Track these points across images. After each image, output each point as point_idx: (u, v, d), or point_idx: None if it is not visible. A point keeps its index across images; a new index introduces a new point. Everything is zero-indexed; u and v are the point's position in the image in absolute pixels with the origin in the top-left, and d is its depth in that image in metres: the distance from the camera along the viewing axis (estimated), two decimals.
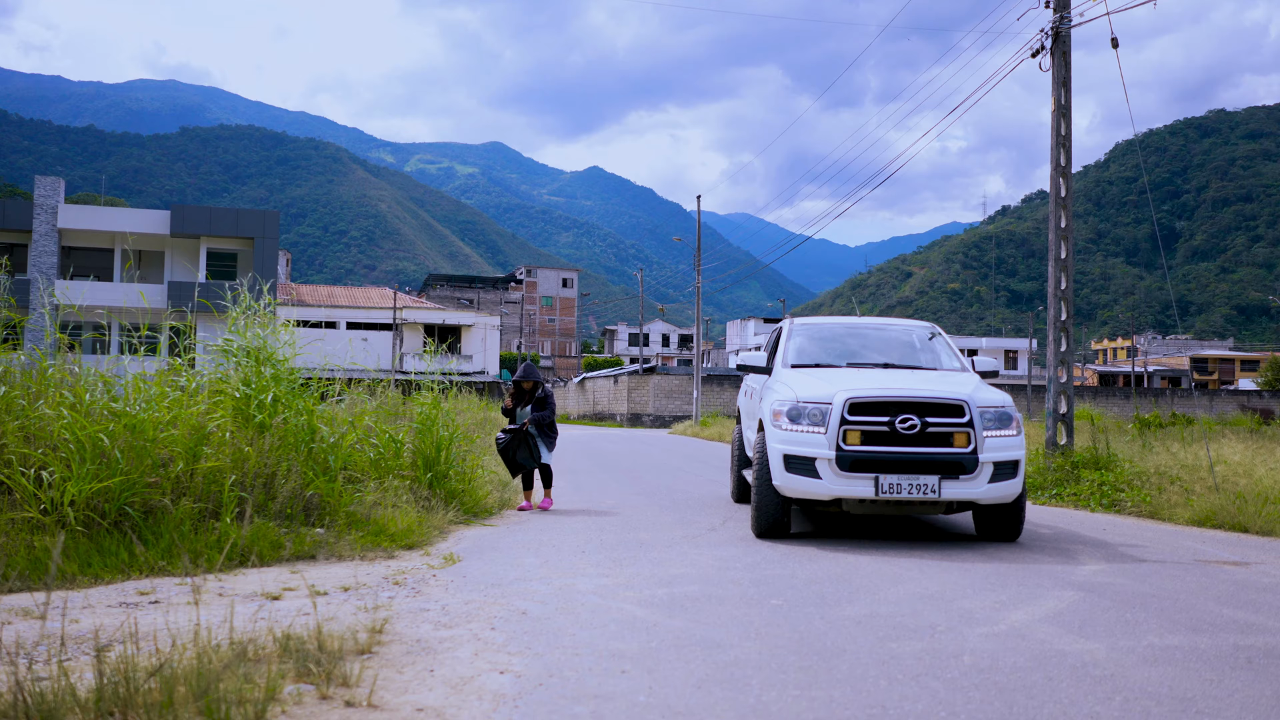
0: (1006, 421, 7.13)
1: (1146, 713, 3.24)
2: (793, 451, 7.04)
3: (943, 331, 9.39)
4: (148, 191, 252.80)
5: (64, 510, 6.06)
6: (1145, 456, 11.95)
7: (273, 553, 6.42)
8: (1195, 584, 5.80)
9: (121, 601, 5.15)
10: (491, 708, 3.27)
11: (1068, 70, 12.75)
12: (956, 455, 6.81)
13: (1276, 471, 10.08)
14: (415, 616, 4.66)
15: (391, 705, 3.27)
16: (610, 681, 3.59)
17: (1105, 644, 4.20)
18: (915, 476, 6.75)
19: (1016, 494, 7.10)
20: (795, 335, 9.21)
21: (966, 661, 3.87)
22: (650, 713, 3.23)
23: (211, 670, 3.16)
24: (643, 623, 4.56)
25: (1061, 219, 12.73)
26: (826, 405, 7.02)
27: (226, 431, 7.31)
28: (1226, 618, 4.82)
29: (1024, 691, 3.47)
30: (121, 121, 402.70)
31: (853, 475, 6.83)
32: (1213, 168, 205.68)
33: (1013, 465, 7.00)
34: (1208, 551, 7.37)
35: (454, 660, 3.86)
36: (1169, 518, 9.69)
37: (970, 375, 8.21)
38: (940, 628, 4.47)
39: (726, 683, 3.57)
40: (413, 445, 9.30)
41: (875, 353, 8.81)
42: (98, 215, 48.00)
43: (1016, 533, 7.50)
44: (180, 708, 2.97)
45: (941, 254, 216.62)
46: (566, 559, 6.57)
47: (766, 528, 7.48)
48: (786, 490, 7.15)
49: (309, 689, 3.38)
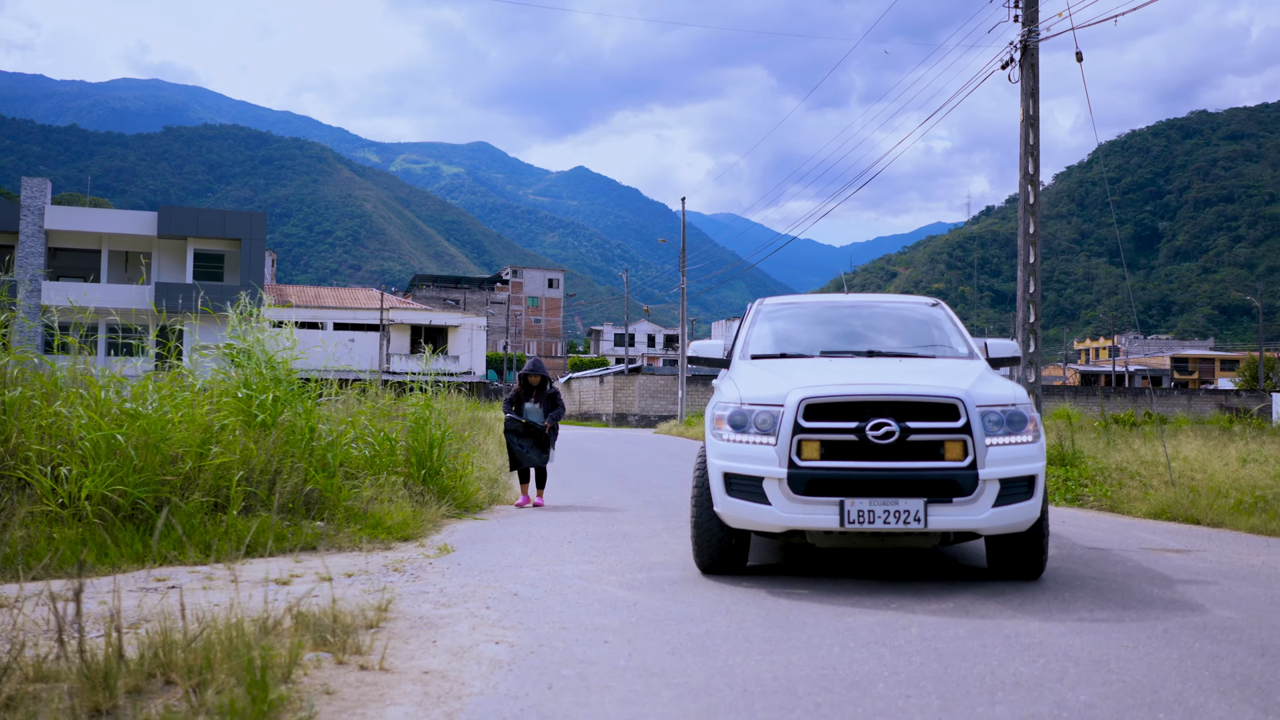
0: (1019, 424, 5.40)
1: (1064, 671, 3.71)
2: (735, 469, 5.43)
3: (945, 306, 7.56)
4: (131, 191, 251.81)
5: (81, 504, 6.45)
6: (1108, 454, 12.47)
7: (277, 544, 6.82)
8: (1134, 568, 6.28)
9: (141, 587, 5.55)
10: (489, 670, 3.70)
11: (1036, 82, 13.25)
12: (948, 471, 5.15)
13: (1230, 467, 10.59)
14: (416, 598, 5.09)
15: (400, 669, 3.70)
16: (594, 650, 4.03)
17: (1040, 619, 4.67)
18: (893, 501, 5.11)
19: (1033, 519, 5.33)
20: (760, 319, 7.43)
21: (914, 632, 4.33)
22: (629, 674, 3.67)
23: (242, 638, 3.58)
24: (624, 602, 5.01)
25: (1030, 225, 13.23)
26: (778, 408, 5.39)
27: (234, 430, 7.71)
28: (1155, 596, 5.30)
29: (959, 656, 3.93)
30: (105, 121, 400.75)
31: (810, 500, 5.20)
32: (1195, 168, 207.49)
33: (1027, 482, 5.31)
34: (1155, 540, 7.86)
35: (453, 633, 4.30)
36: (1128, 511, 10.19)
37: (976, 363, 6.39)
38: (893, 605, 4.92)
39: (698, 650, 4.02)
40: (406, 443, 9.71)
41: (859, 338, 7.06)
42: (85, 216, 48.16)
43: (1038, 570, 5.69)
44: (217, 669, 3.39)
45: (926, 254, 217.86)
46: (554, 548, 7.01)
47: (710, 562, 5.87)
48: (730, 519, 5.52)
49: (326, 656, 3.81)
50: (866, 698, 3.39)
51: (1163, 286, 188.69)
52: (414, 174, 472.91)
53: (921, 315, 7.41)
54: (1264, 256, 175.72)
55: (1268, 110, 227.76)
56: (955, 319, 7.28)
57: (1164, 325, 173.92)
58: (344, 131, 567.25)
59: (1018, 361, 7.09)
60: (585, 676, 3.64)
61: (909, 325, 7.28)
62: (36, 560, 5.99)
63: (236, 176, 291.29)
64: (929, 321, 7.29)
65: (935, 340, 7.01)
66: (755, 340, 7.07)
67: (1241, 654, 4.01)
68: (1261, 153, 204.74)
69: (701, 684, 3.55)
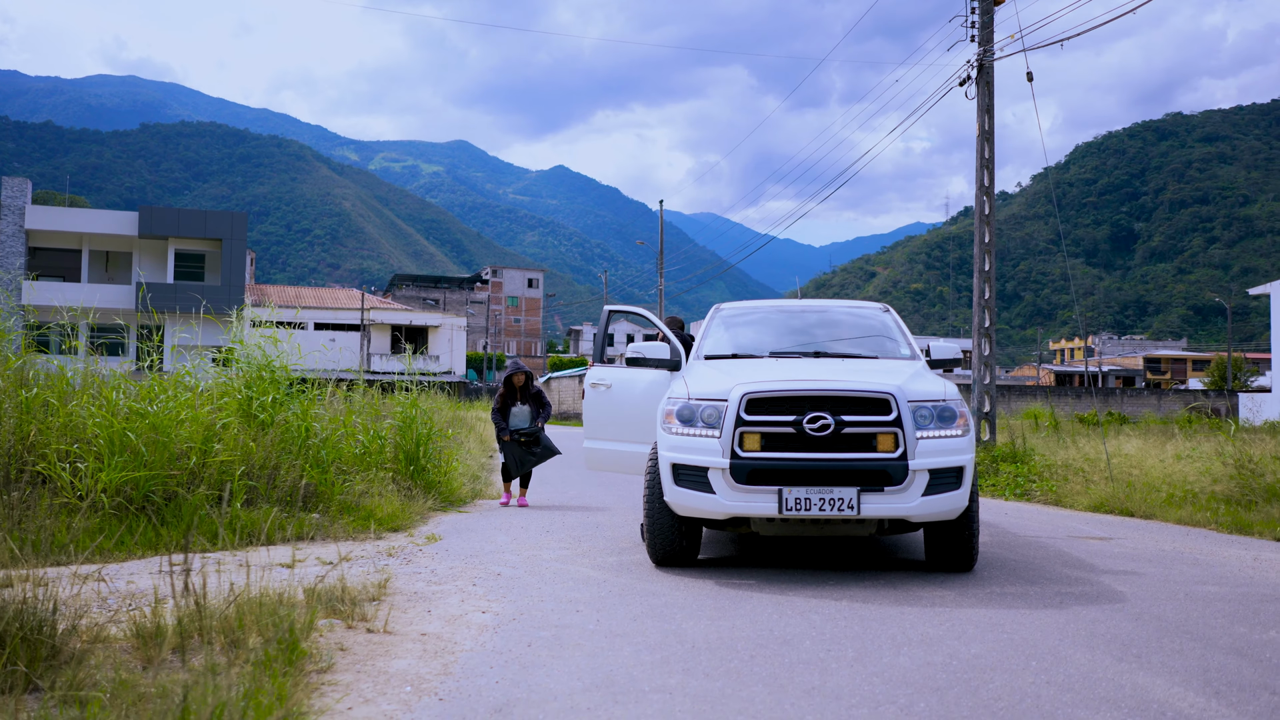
0: (949, 419, 5.78)
1: (963, 631, 4.39)
2: (682, 460, 5.80)
3: (893, 311, 8.04)
4: (108, 189, 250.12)
5: (97, 497, 7.04)
6: (1056, 451, 13.23)
7: (276, 534, 7.42)
8: (1054, 554, 6.99)
9: (159, 570, 6.14)
10: (478, 633, 4.35)
11: (991, 98, 13.98)
12: (879, 462, 5.52)
13: (1165, 463, 11.35)
14: (410, 577, 5.73)
15: (402, 631, 4.34)
16: (567, 617, 4.68)
17: (956, 591, 5.36)
18: (828, 489, 5.48)
19: (961, 508, 5.70)
20: (715, 322, 7.89)
21: (843, 604, 5.01)
22: (597, 635, 4.32)
23: (266, 606, 4.21)
24: (595, 580, 5.67)
25: (985, 234, 13.96)
26: (722, 403, 5.77)
27: (235, 429, 8.31)
28: (1063, 575, 6.00)
29: (879, 621, 4.61)
30: (81, 117, 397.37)
31: (751, 489, 5.57)
32: (1170, 170, 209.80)
33: (955, 473, 5.67)
34: (1084, 530, 8.59)
35: (445, 605, 4.94)
36: (1071, 504, 10.93)
37: (915, 363, 6.85)
38: (830, 585, 5.60)
39: (656, 617, 4.68)
40: (394, 441, 10.32)
41: (809, 340, 7.45)
42: (65, 216, 48.35)
43: (969, 561, 6.08)
44: (248, 630, 4.02)
45: (905, 254, 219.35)
46: (534, 537, 7.66)
47: (664, 554, 6.25)
48: (678, 507, 5.92)
49: (338, 622, 4.45)
50: (794, 650, 4.05)
51: (1138, 287, 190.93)
52: (393, 172, 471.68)
53: (869, 319, 7.84)
54: (1238, 257, 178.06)
55: (1242, 112, 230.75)
56: (900, 323, 7.75)
57: (1140, 326, 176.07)
58: (323, 129, 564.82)
59: (959, 363, 7.50)
60: (559, 637, 4.29)
61: (856, 328, 7.71)
62: (59, 547, 6.59)
63: (214, 174, 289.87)
64: (876, 325, 7.72)
65: (880, 342, 7.40)
66: (711, 342, 7.47)
67: (1119, 619, 4.71)
68: (1236, 154, 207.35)
69: (657, 642, 4.20)
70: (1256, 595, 5.46)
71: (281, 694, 3.17)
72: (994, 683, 3.61)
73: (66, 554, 6.57)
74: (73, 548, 6.63)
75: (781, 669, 3.79)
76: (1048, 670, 3.78)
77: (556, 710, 3.28)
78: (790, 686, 3.56)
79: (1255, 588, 5.72)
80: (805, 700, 3.40)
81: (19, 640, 3.57)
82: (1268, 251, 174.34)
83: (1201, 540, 8.05)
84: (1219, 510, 9.39)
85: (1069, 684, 3.60)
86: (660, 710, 3.28)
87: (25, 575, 4.13)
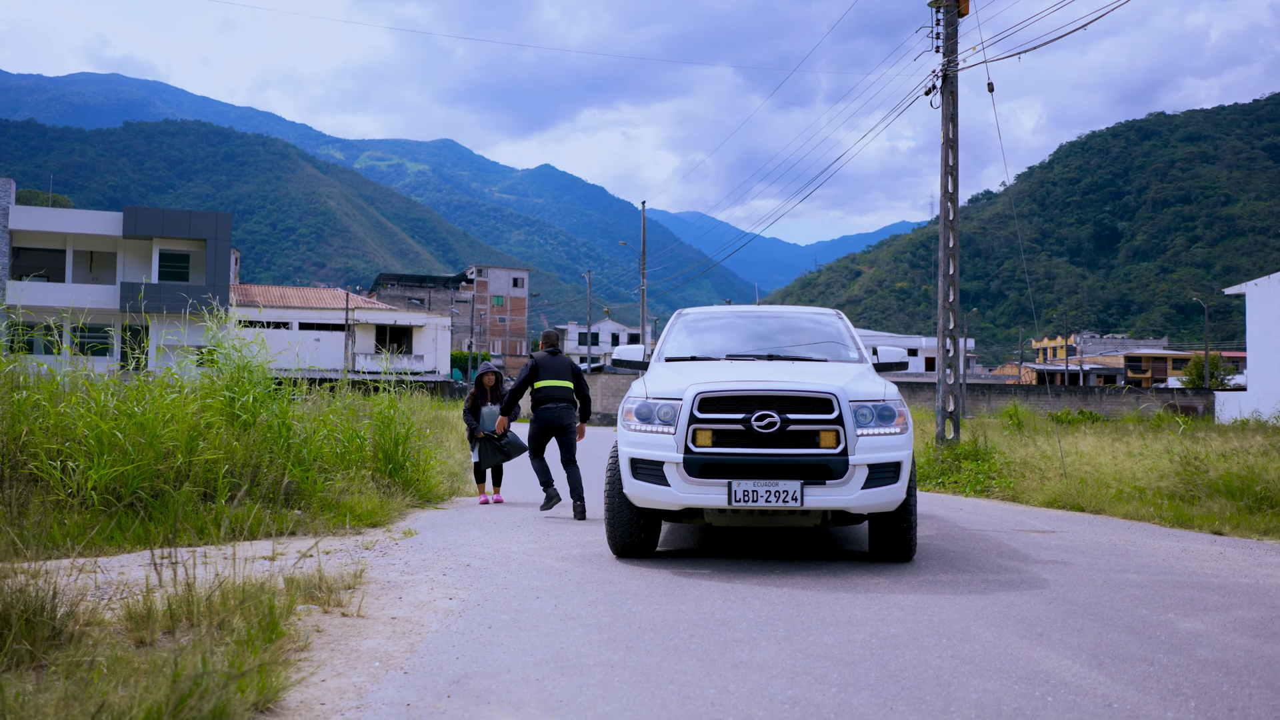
0: (888, 417, 6.17)
1: (888, 614, 4.80)
2: (640, 455, 6.20)
3: (844, 317, 8.48)
4: (91, 187, 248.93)
5: (87, 494, 7.39)
6: (1016, 449, 13.69)
7: (260, 529, 7.79)
8: (994, 545, 7.43)
9: (148, 563, 6.51)
10: (443, 617, 4.74)
11: (955, 107, 14.43)
12: (821, 457, 5.90)
13: (1116, 460, 11.81)
14: (385, 568, 6.11)
15: (374, 616, 4.73)
16: (528, 602, 5.08)
17: (891, 579, 5.78)
18: (773, 482, 5.86)
19: (898, 501, 6.11)
20: (677, 327, 8.33)
21: (784, 591, 5.42)
22: (553, 618, 4.72)
23: (249, 592, 4.58)
24: (557, 570, 6.07)
25: (949, 239, 14.41)
26: (677, 401, 6.17)
27: (218, 428, 8.66)
28: (996, 565, 6.43)
29: (813, 605, 5.02)
30: (63, 115, 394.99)
31: (703, 482, 5.96)
32: (1153, 169, 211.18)
33: (893, 468, 6.04)
34: (1030, 524, 9.03)
35: (416, 593, 5.33)
36: (1027, 500, 11.38)
37: (861, 366, 7.22)
38: (775, 575, 6.01)
39: (609, 602, 5.08)
40: (373, 440, 10.68)
41: (764, 343, 7.89)
42: (50, 216, 48.39)
43: (908, 552, 6.48)
44: (232, 614, 4.39)
45: (890, 253, 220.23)
46: (504, 532, 8.05)
47: (623, 546, 6.65)
48: (636, 499, 6.30)
49: (315, 607, 4.83)
50: (729, 630, 4.46)
51: (1122, 286, 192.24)
52: (378, 171, 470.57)
53: (821, 323, 8.31)
54: (1220, 256, 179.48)
55: (1224, 112, 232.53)
56: (850, 328, 8.20)
57: (1123, 324, 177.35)
58: (307, 128, 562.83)
59: (904, 366, 8.04)
60: (518, 620, 4.68)
61: (809, 332, 8.16)
62: (52, 542, 6.94)
63: (198, 173, 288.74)
64: (827, 329, 8.17)
65: (831, 346, 7.84)
66: (671, 345, 7.94)
67: (1034, 603, 5.13)
68: (1218, 154, 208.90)
69: (607, 623, 4.60)
70: (1170, 582, 5.89)
71: (262, 666, 3.56)
72: (904, 657, 4.02)
73: (60, 548, 6.93)
74: (68, 542, 6.99)
75: (716, 646, 4.19)
76: (955, 646, 4.19)
77: (509, 681, 3.67)
78: (721, 660, 3.96)
79: (1172, 575, 6.16)
80: (732, 671, 3.81)
81: (23, 622, 3.95)
82: (1249, 250, 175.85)
83: (1141, 533, 8.50)
84: (1163, 505, 9.85)
85: (971, 657, 4.02)
86: (601, 680, 3.68)
87: (25, 567, 4.50)
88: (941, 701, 3.44)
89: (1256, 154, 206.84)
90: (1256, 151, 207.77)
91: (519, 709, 3.35)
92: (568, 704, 3.40)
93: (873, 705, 3.40)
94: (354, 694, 3.51)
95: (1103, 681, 3.69)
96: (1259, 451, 11.09)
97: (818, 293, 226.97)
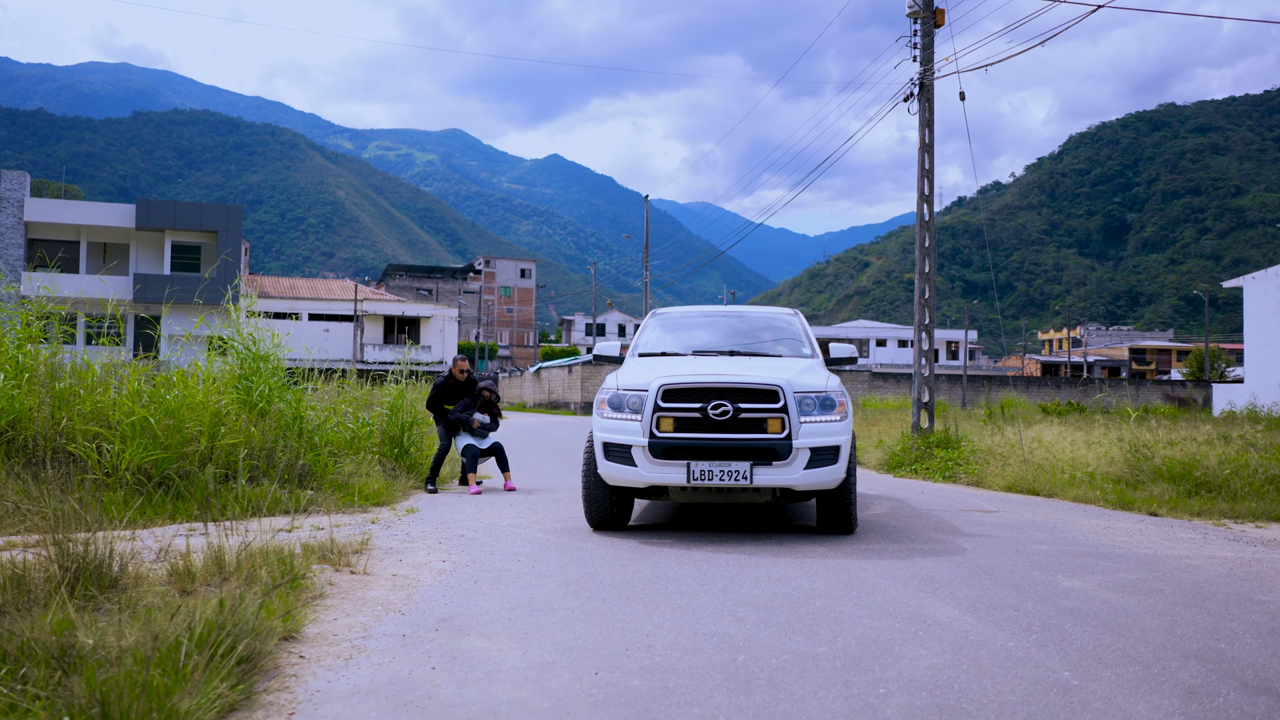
0: (829, 406, 7.01)
1: (813, 573, 5.64)
2: (612, 439, 7.06)
3: (801, 317, 9.29)
4: (100, 177, 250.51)
5: (122, 474, 8.25)
6: (984, 438, 14.50)
7: (276, 507, 8.65)
8: (935, 523, 8.25)
9: (180, 535, 7.38)
10: (436, 575, 5.59)
11: (931, 114, 15.20)
12: (769, 441, 6.72)
13: (1074, 448, 12.61)
14: (388, 538, 6.98)
15: (377, 574, 5.59)
16: (510, 565, 5.93)
17: (829, 548, 6.63)
18: (726, 463, 6.69)
19: (838, 480, 6.95)
20: (649, 325, 9.26)
21: (732, 556, 6.26)
22: (529, 576, 5.57)
23: (272, 553, 5.44)
24: (539, 540, 6.94)
25: (925, 239, 15.20)
26: (644, 392, 7.00)
27: (237, 415, 9.53)
28: (929, 537, 7.26)
29: (753, 567, 5.86)
30: (73, 105, 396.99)
31: (665, 463, 6.79)
32: (1163, 160, 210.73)
33: (833, 451, 6.88)
34: (977, 504, 9.86)
35: (414, 556, 6.19)
36: (989, 485, 12.19)
37: (810, 361, 8.08)
38: (729, 543, 6.86)
39: (578, 564, 5.93)
40: (381, 428, 11.54)
41: (727, 340, 8.73)
42: (64, 209, 49.38)
43: (849, 525, 7.37)
44: (258, 569, 5.25)
45: (899, 244, 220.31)
46: (497, 509, 8.91)
47: (599, 520, 7.56)
48: (609, 478, 7.15)
49: (328, 567, 5.69)
50: (676, 585, 5.31)
51: (1130, 278, 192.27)
52: (387, 161, 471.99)
53: (780, 322, 9.19)
54: (1230, 248, 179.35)
55: (1235, 103, 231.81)
56: (806, 326, 9.08)
57: (1131, 316, 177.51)
58: (316, 117, 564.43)
59: (854, 361, 8.85)
60: (499, 578, 5.54)
61: (769, 330, 9.01)
62: (91, 517, 7.81)
63: (207, 163, 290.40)
64: (785, 327, 9.06)
65: (788, 343, 8.71)
66: (645, 341, 8.83)
67: (944, 567, 5.97)
68: (1228, 145, 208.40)
69: (575, 579, 5.46)
70: (1075, 551, 6.72)
71: (286, 606, 4.41)
72: (815, 604, 4.86)
73: (102, 521, 7.80)
74: (111, 513, 7.85)
75: (662, 596, 5.04)
76: (860, 597, 5.03)
77: (486, 619, 4.52)
78: (663, 606, 4.81)
79: (1082, 547, 6.98)
80: (670, 614, 4.65)
81: (89, 574, 4.80)
82: (1259, 242, 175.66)
83: (1079, 514, 9.31)
84: (1109, 490, 10.65)
85: (870, 606, 4.85)
86: (562, 620, 4.53)
87: (82, 537, 5.35)
88: (831, 633, 4.28)
89: (1267, 145, 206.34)
90: (1267, 143, 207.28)
91: (492, 638, 4.20)
92: (531, 635, 4.25)
93: (776, 636, 4.24)
94: (360, 628, 4.36)
95: (969, 621, 4.53)
96: (1204, 440, 11.88)
97: (826, 283, 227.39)
